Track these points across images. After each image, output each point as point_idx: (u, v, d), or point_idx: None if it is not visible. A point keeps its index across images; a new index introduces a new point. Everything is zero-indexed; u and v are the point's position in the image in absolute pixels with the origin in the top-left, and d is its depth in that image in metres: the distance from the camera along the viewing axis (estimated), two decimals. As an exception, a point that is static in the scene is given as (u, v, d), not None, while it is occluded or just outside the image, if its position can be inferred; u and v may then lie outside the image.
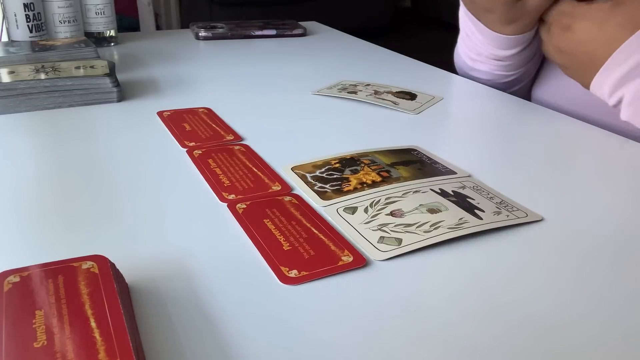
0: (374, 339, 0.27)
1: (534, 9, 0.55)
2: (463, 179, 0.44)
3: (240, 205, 0.39)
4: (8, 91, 0.56)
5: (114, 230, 0.36)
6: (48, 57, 0.67)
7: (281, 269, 0.32)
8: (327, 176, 0.44)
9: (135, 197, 0.40)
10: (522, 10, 0.55)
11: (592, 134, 0.56)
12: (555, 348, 0.27)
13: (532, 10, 0.55)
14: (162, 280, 0.31)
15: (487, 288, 0.31)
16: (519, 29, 0.58)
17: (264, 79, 0.71)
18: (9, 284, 0.26)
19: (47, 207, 0.39)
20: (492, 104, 0.64)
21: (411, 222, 0.37)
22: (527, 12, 0.55)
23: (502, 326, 0.28)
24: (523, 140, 0.54)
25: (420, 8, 4.16)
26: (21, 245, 0.35)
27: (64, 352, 0.22)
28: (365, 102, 0.62)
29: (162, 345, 0.26)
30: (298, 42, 0.94)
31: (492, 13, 0.57)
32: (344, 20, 2.23)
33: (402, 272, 0.32)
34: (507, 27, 0.58)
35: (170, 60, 0.80)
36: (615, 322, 0.29)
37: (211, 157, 0.47)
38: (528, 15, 0.56)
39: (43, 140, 0.51)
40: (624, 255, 0.35)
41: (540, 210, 0.39)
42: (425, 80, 0.72)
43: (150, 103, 0.61)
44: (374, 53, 0.89)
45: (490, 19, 0.58)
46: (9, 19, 0.77)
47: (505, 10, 0.55)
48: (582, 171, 0.48)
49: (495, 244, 0.36)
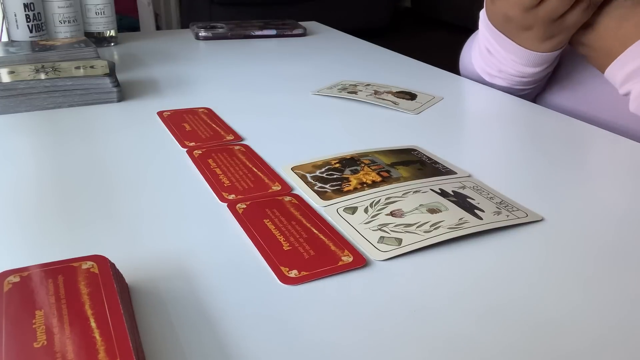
0: (374, 339, 0.27)
1: (572, 25, 0.54)
2: (463, 179, 0.44)
3: (240, 205, 0.39)
4: (8, 91, 0.56)
5: (114, 230, 0.36)
6: (48, 57, 0.67)
7: (281, 269, 0.32)
8: (327, 176, 0.44)
9: (135, 197, 0.40)
10: (561, 27, 0.54)
11: (593, 133, 0.56)
12: (555, 348, 0.27)
13: (571, 26, 0.54)
14: (162, 280, 0.31)
15: (487, 288, 0.31)
16: (555, 46, 0.57)
17: (264, 79, 0.71)
18: (9, 284, 0.26)
19: (47, 207, 0.39)
20: (492, 104, 0.64)
21: (411, 222, 0.37)
22: (566, 28, 0.55)
23: (502, 326, 0.28)
24: (523, 140, 0.54)
25: (420, 8, 4.16)
26: (21, 245, 0.34)
27: (64, 352, 0.22)
28: (365, 102, 0.62)
29: (162, 345, 0.26)
30: (298, 42, 0.94)
31: (530, 30, 0.56)
32: (344, 20, 2.23)
33: (402, 272, 0.32)
34: (544, 44, 0.57)
35: (170, 60, 0.80)
36: (616, 322, 0.29)
37: (211, 157, 0.47)
38: (566, 32, 0.55)
39: (43, 140, 0.51)
40: (624, 256, 0.35)
41: (540, 210, 0.39)
42: (425, 80, 0.72)
43: (150, 103, 0.61)
44: (374, 53, 0.89)
45: (528, 37, 0.57)
46: (9, 19, 0.77)
47: (545, 27, 0.55)
48: (582, 171, 0.48)
49: (495, 244, 0.36)
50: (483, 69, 0.67)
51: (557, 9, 0.52)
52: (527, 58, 0.60)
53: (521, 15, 0.54)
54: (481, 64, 0.67)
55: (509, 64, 0.62)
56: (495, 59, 0.64)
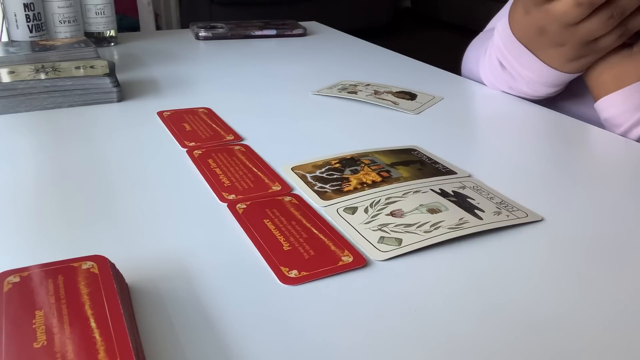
0: (374, 339, 0.27)
1: (603, 49, 0.54)
2: (463, 179, 0.44)
3: (240, 205, 0.39)
4: (8, 91, 0.56)
5: (114, 230, 0.36)
6: (48, 57, 0.67)
7: (281, 269, 0.32)
8: (327, 176, 0.43)
9: (135, 197, 0.40)
10: (593, 49, 0.54)
11: (593, 133, 0.56)
12: (555, 348, 0.27)
13: (602, 50, 0.54)
14: (162, 280, 0.31)
15: (487, 288, 0.31)
16: (579, 68, 0.57)
17: (264, 79, 0.71)
18: (9, 284, 0.26)
19: (47, 207, 0.39)
20: (492, 104, 0.64)
21: (411, 222, 0.37)
22: (596, 51, 0.55)
23: (502, 326, 0.28)
24: (523, 140, 0.54)
25: (420, 8, 4.16)
26: (21, 245, 0.34)
27: (64, 352, 0.22)
28: (365, 102, 0.62)
29: (162, 345, 0.26)
30: (298, 42, 0.94)
31: (561, 47, 0.55)
32: (344, 20, 2.24)
33: (402, 272, 0.32)
34: (570, 64, 0.57)
35: (170, 60, 0.80)
36: (615, 322, 0.29)
37: (211, 157, 0.47)
38: (595, 54, 0.55)
39: (43, 140, 0.51)
40: (624, 256, 0.35)
41: (540, 210, 0.39)
42: (425, 80, 0.72)
43: (150, 103, 0.61)
44: (374, 53, 0.89)
45: (556, 54, 0.56)
46: (9, 19, 0.77)
47: (578, 47, 0.54)
48: (582, 171, 0.48)
49: (495, 244, 0.36)
50: (492, 83, 0.66)
51: (596, 30, 0.52)
52: (546, 77, 0.59)
53: (558, 31, 0.53)
54: (490, 78, 0.66)
55: (524, 82, 0.61)
56: (508, 74, 0.62)
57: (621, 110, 0.54)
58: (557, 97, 0.63)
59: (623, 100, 0.54)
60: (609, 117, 0.55)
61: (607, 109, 0.55)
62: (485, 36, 0.71)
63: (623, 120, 0.54)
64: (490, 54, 0.64)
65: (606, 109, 0.55)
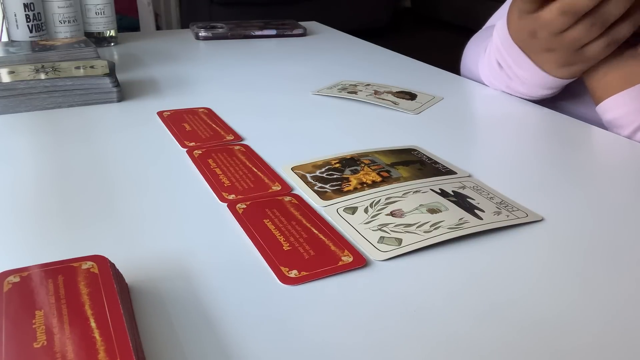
0: (374, 339, 0.27)
1: (592, 57, 0.55)
2: (463, 179, 0.44)
3: (240, 205, 0.39)
4: (8, 91, 0.56)
5: (114, 230, 0.36)
6: (48, 57, 0.67)
7: (281, 269, 0.32)
8: (327, 176, 0.44)
9: (135, 197, 0.40)
10: (581, 57, 0.55)
11: (593, 133, 0.56)
12: (554, 347, 0.27)
13: (590, 58, 0.55)
14: (162, 280, 0.31)
15: (487, 288, 0.31)
16: (570, 74, 0.57)
17: (264, 79, 0.71)
18: (9, 284, 0.26)
19: (47, 207, 0.39)
20: (492, 104, 0.64)
21: (411, 222, 0.37)
22: (585, 59, 0.55)
23: (502, 326, 0.28)
24: (523, 140, 0.54)
25: (420, 8, 4.16)
26: (21, 245, 0.34)
27: (64, 352, 0.22)
28: (365, 102, 0.62)
29: (162, 345, 0.26)
30: (298, 42, 0.94)
31: (551, 53, 0.56)
32: (344, 20, 2.23)
33: (402, 272, 0.32)
34: (560, 69, 0.57)
35: (170, 60, 0.80)
36: (615, 322, 0.29)
37: (211, 157, 0.47)
38: (584, 63, 0.56)
39: (43, 140, 0.51)
40: (624, 256, 0.35)
41: (540, 210, 0.39)
42: (425, 80, 0.72)
43: (150, 103, 0.61)
44: (374, 53, 0.89)
45: (548, 59, 0.57)
46: (9, 19, 0.77)
47: (566, 54, 0.55)
48: (582, 171, 0.48)
49: (495, 244, 0.36)
50: (490, 82, 0.67)
51: (582, 38, 0.52)
52: (539, 79, 0.59)
53: (548, 37, 0.54)
54: (489, 77, 0.66)
55: (519, 82, 0.62)
56: (505, 74, 0.63)
57: (627, 111, 0.54)
58: (557, 97, 0.63)
59: (630, 101, 0.54)
60: (614, 118, 0.55)
61: (612, 109, 0.55)
62: (484, 34, 0.71)
63: (629, 121, 0.54)
64: (489, 53, 0.65)
65: (611, 110, 0.55)
